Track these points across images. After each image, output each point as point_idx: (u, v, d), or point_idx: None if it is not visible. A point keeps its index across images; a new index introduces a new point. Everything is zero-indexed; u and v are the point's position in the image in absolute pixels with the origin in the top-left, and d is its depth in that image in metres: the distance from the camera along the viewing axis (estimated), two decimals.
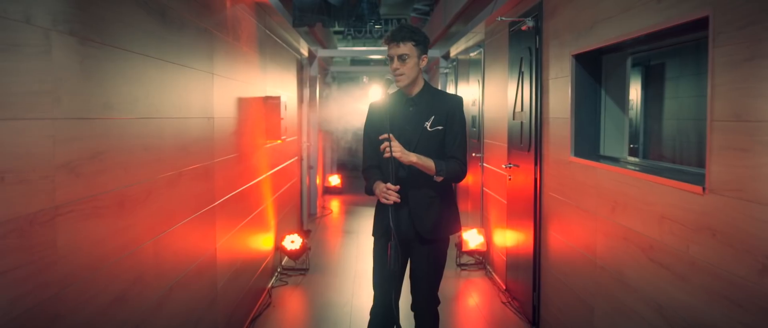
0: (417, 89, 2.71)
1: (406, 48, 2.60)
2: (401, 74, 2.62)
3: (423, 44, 2.64)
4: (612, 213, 2.70)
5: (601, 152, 3.20)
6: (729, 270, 1.81)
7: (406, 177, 2.64)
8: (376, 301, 2.75)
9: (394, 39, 2.61)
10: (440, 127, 2.65)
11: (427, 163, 2.58)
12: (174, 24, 2.52)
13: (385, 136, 2.52)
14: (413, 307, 2.79)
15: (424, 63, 2.66)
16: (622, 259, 2.59)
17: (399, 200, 2.54)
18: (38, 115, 1.50)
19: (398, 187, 2.54)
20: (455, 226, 2.79)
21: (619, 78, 3.14)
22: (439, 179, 2.62)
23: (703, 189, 1.94)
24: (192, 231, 2.78)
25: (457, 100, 2.75)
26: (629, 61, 3.10)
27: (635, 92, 4.14)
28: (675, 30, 2.19)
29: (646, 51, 3.03)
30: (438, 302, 2.78)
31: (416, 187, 2.65)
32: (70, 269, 1.66)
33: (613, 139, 3.18)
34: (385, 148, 2.51)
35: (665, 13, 2.18)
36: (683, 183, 2.08)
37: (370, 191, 2.70)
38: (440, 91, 2.83)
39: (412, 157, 2.55)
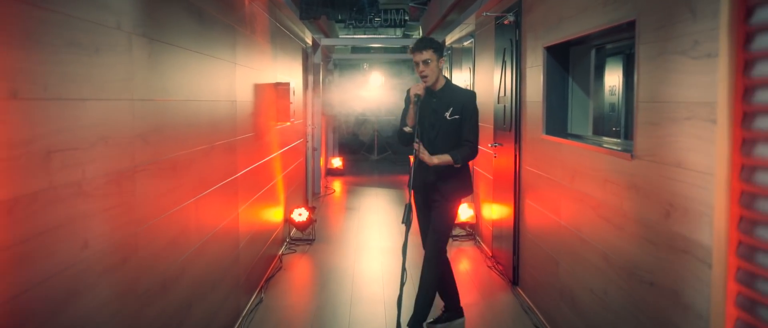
0: (440, 85, 3.45)
1: (427, 54, 3.32)
2: (426, 75, 3.35)
3: (440, 50, 3.38)
4: (572, 180, 3.23)
5: (569, 131, 3.72)
6: (647, 217, 2.34)
7: (431, 154, 3.38)
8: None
9: (418, 48, 3.34)
10: (457, 117, 3.40)
11: (446, 159, 3.35)
12: (207, 22, 3.03)
13: (416, 144, 3.30)
14: (425, 250, 3.52)
15: (442, 64, 3.41)
16: (579, 218, 3.13)
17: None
18: (124, 97, 2.02)
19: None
20: (467, 190, 3.54)
21: (584, 67, 3.66)
22: (458, 166, 3.39)
23: (632, 156, 2.47)
24: (220, 196, 3.31)
25: (471, 95, 3.51)
26: (593, 53, 3.61)
27: (617, 79, 4.64)
28: (616, 29, 2.71)
29: (606, 44, 3.53)
30: (442, 251, 3.47)
31: (433, 170, 3.42)
32: (143, 213, 2.19)
33: (579, 119, 3.70)
34: (418, 151, 3.30)
35: (609, 16, 2.70)
36: (619, 152, 2.61)
37: (402, 134, 3.47)
38: (458, 87, 3.62)
39: (435, 160, 3.33)
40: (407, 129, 3.42)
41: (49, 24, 1.56)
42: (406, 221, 3.18)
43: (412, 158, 3.45)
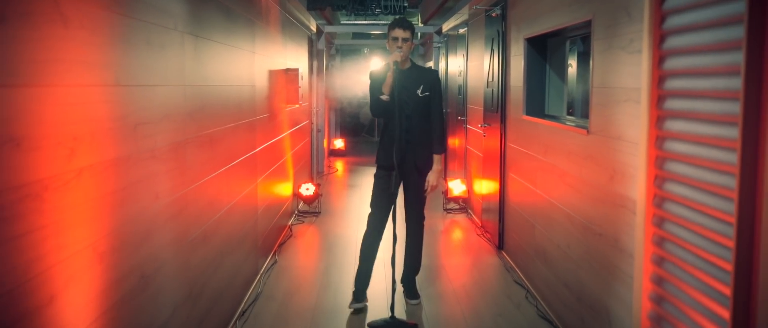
0: (407, 65, 3.85)
1: (408, 34, 3.72)
2: (402, 51, 3.69)
3: (415, 35, 3.75)
4: (545, 154, 3.77)
5: (546, 112, 4.25)
6: (597, 181, 2.89)
7: (408, 131, 3.77)
8: (371, 216, 3.89)
9: (403, 26, 3.70)
10: (427, 94, 3.80)
11: (439, 164, 3.84)
12: (233, 18, 3.55)
13: (432, 187, 3.84)
14: (407, 220, 3.93)
15: (412, 47, 3.80)
16: (550, 186, 3.67)
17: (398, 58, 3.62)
18: (178, 83, 2.55)
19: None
20: (431, 164, 3.91)
21: (560, 56, 4.17)
22: (443, 154, 3.91)
23: (588, 131, 3.01)
24: (243, 168, 3.85)
25: (437, 73, 3.99)
26: (567, 44, 4.13)
27: None
28: (579, 25, 3.23)
29: (581, 36, 4.04)
30: (424, 216, 3.94)
31: (415, 139, 3.80)
32: (191, 176, 2.73)
33: (556, 102, 4.23)
34: (429, 189, 3.83)
35: (573, 15, 3.22)
36: (579, 129, 3.15)
37: (379, 103, 3.70)
38: (422, 66, 3.96)
39: (438, 177, 3.84)
40: (384, 97, 3.65)
41: (134, 28, 2.09)
42: (395, 190, 3.68)
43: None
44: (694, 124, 2.02)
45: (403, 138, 3.71)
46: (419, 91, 3.77)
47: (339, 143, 11.29)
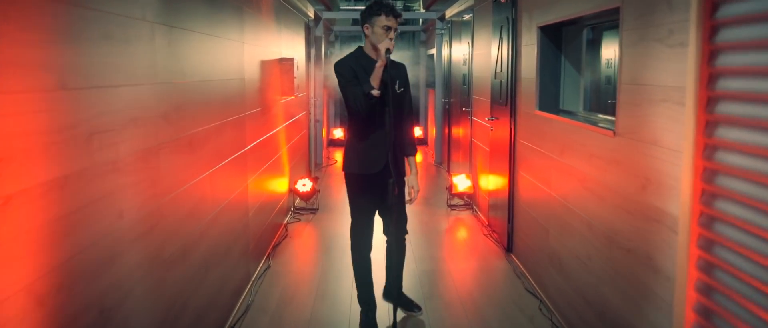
0: None
1: (397, 24, 3.24)
2: (393, 40, 3.17)
3: None
4: (561, 154, 3.44)
5: (561, 107, 3.92)
6: (626, 189, 2.56)
7: (391, 141, 3.24)
8: (360, 230, 3.46)
9: (396, 15, 3.20)
10: (402, 89, 3.36)
11: (415, 166, 3.47)
12: (216, 4, 3.20)
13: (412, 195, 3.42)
14: (389, 233, 3.50)
15: None
16: (567, 189, 3.35)
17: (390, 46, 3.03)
18: (148, 81, 2.21)
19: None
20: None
21: (576, 46, 3.82)
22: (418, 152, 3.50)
23: (614, 133, 2.67)
24: (231, 169, 3.52)
25: (406, 68, 3.47)
26: (585, 33, 3.78)
27: (614, 52, 4.78)
28: (603, 14, 2.88)
29: (598, 23, 3.69)
30: (407, 231, 3.61)
31: (396, 145, 3.31)
32: (166, 186, 2.40)
33: (571, 96, 3.89)
34: (416, 197, 3.43)
35: (596, 2, 2.87)
36: (603, 129, 2.82)
37: (370, 98, 3.05)
38: (394, 60, 3.36)
39: (417, 181, 3.45)
40: (375, 92, 3.02)
41: (87, 20, 1.75)
42: (391, 201, 3.07)
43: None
44: (755, 134, 1.69)
45: (386, 145, 3.17)
46: (396, 87, 3.29)
47: (338, 133, 10.95)
